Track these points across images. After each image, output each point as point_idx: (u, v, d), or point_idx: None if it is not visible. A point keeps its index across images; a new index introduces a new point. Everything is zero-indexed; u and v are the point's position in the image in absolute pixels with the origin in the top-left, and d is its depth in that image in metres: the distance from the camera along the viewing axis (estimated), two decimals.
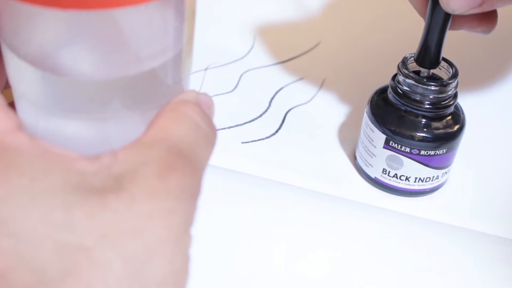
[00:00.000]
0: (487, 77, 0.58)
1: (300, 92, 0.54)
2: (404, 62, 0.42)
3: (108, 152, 0.22)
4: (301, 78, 0.55)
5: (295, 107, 0.52)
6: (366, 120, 0.44)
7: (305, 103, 0.53)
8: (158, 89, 0.23)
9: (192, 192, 0.22)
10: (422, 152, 0.42)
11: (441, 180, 0.44)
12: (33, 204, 0.20)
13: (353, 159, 0.47)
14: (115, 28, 0.21)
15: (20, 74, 0.22)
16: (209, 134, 0.24)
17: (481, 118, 0.52)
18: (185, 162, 0.22)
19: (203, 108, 0.25)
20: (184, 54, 0.23)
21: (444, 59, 0.42)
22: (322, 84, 0.55)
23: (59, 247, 0.20)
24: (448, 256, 0.40)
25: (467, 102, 0.46)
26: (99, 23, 0.21)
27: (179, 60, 0.23)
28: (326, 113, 0.52)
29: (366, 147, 0.44)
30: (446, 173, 0.44)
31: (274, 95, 0.53)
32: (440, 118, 0.42)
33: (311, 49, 0.59)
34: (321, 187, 0.45)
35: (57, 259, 0.20)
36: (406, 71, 0.41)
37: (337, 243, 0.41)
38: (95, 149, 0.22)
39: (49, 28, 0.21)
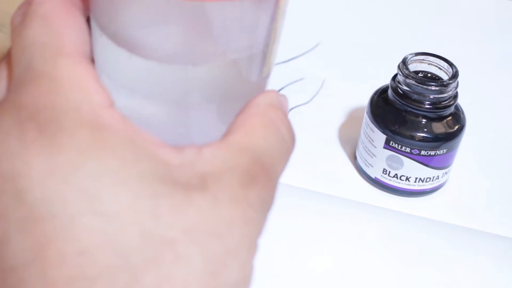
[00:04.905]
0: (487, 77, 0.58)
1: (300, 92, 0.54)
2: (404, 62, 0.42)
3: (192, 146, 0.22)
4: (301, 78, 0.55)
5: (295, 107, 0.52)
6: (366, 120, 0.44)
7: (305, 103, 0.53)
8: (239, 84, 0.24)
9: (267, 205, 0.23)
10: (423, 152, 0.42)
11: (441, 180, 0.44)
12: (122, 187, 0.20)
13: (353, 159, 0.47)
14: (207, 18, 0.22)
15: (106, 52, 0.23)
16: (290, 148, 0.25)
17: (481, 118, 0.52)
18: (266, 176, 0.23)
19: (286, 114, 0.25)
20: (269, 52, 0.24)
21: (444, 59, 0.42)
22: (322, 84, 0.55)
23: (144, 235, 0.20)
24: (448, 255, 0.40)
25: (467, 102, 0.45)
26: (193, 11, 0.21)
27: (263, 57, 0.24)
28: (326, 113, 0.52)
29: (366, 147, 0.44)
30: (446, 173, 0.44)
31: None
32: (441, 118, 0.42)
33: (311, 49, 0.59)
34: (321, 187, 0.45)
35: (141, 246, 0.20)
36: (407, 71, 0.41)
37: (338, 242, 0.41)
38: (173, 137, 0.23)
39: (141, 9, 0.22)
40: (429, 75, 0.43)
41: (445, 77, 0.42)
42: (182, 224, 0.20)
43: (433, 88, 0.41)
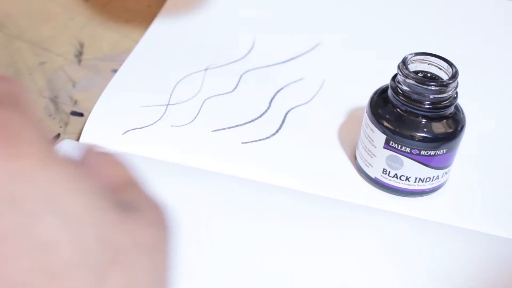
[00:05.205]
0: (487, 77, 0.58)
1: (300, 92, 0.54)
2: (404, 62, 0.42)
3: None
4: (301, 78, 0.55)
5: (295, 107, 0.52)
6: (366, 120, 0.44)
7: (305, 103, 0.53)
8: None
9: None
10: (422, 152, 0.42)
11: (441, 180, 0.44)
12: (79, 196, 0.22)
13: (353, 159, 0.47)
14: None
15: None
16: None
17: (481, 118, 0.52)
18: (153, 200, 0.27)
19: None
20: None
21: (444, 59, 0.42)
22: (322, 84, 0.55)
23: (102, 239, 0.22)
24: (448, 256, 0.40)
25: (467, 102, 0.46)
26: None
27: None
28: (326, 113, 0.52)
29: (366, 147, 0.44)
30: (446, 173, 0.44)
31: (274, 95, 0.53)
32: (440, 118, 0.42)
33: (311, 49, 0.59)
34: (321, 187, 0.45)
35: (101, 248, 0.22)
36: (406, 71, 0.41)
37: (337, 243, 0.41)
38: None
39: None
40: (429, 75, 0.43)
41: (445, 77, 0.42)
42: (131, 237, 0.23)
43: (433, 88, 0.41)
